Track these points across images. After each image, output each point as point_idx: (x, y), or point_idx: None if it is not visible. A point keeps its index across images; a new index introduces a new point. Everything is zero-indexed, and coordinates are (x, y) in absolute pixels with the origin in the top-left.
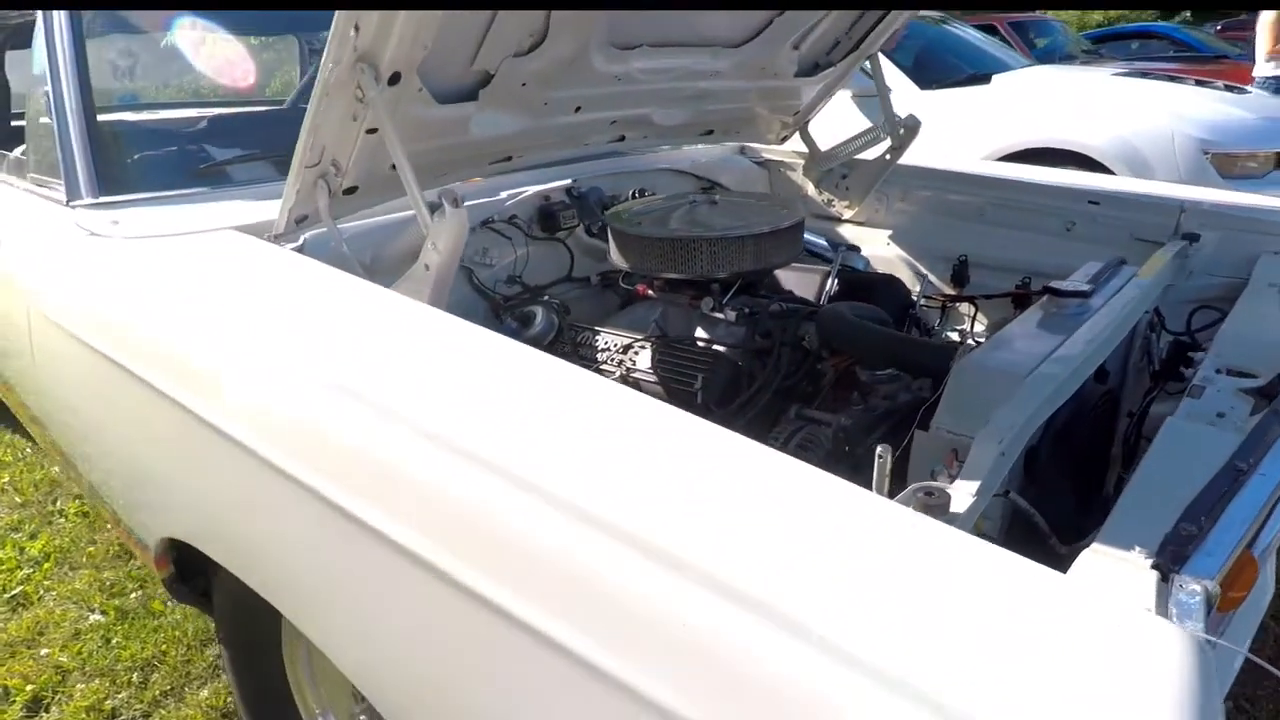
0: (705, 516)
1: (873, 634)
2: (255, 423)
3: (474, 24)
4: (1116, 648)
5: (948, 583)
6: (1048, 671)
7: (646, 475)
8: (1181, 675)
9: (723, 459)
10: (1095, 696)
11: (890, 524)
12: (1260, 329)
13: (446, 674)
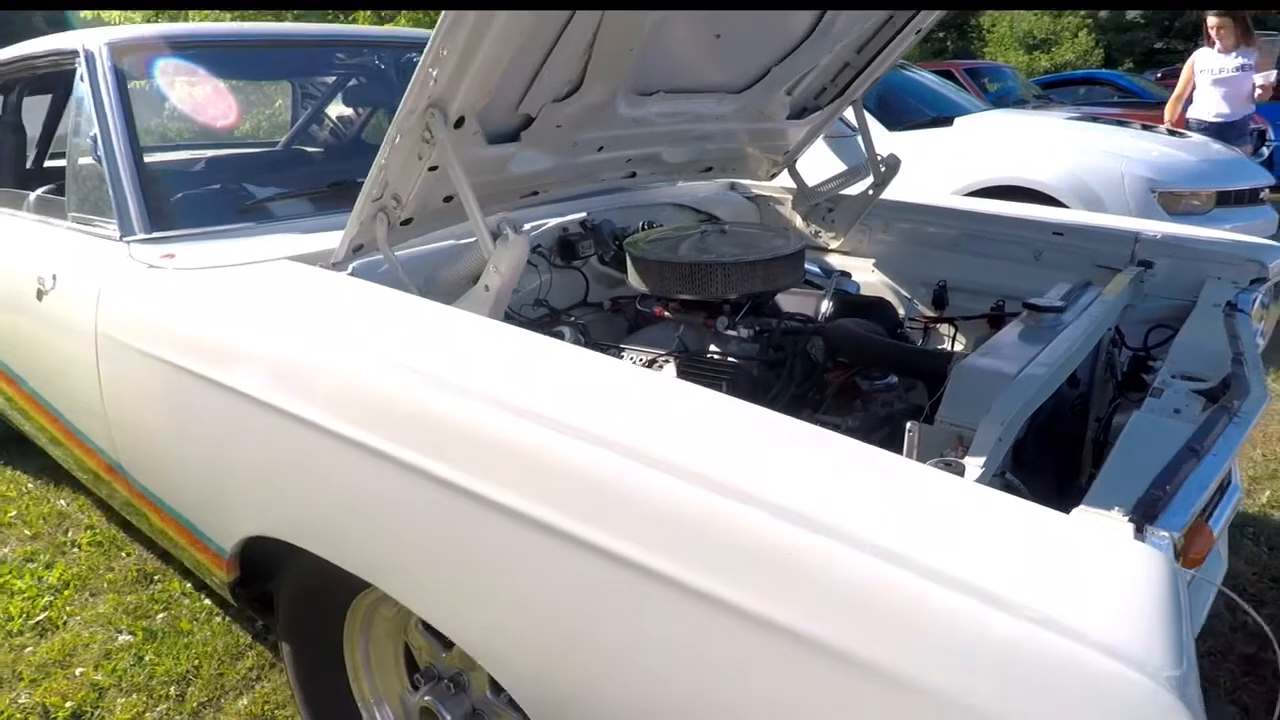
0: (787, 469)
1: (920, 546)
2: (359, 419)
3: (525, 72)
4: (1108, 560)
5: (974, 516)
6: (1060, 575)
7: (727, 435)
8: (1158, 578)
9: (791, 435)
10: (1095, 590)
11: (924, 477)
12: (1207, 341)
13: (553, 626)
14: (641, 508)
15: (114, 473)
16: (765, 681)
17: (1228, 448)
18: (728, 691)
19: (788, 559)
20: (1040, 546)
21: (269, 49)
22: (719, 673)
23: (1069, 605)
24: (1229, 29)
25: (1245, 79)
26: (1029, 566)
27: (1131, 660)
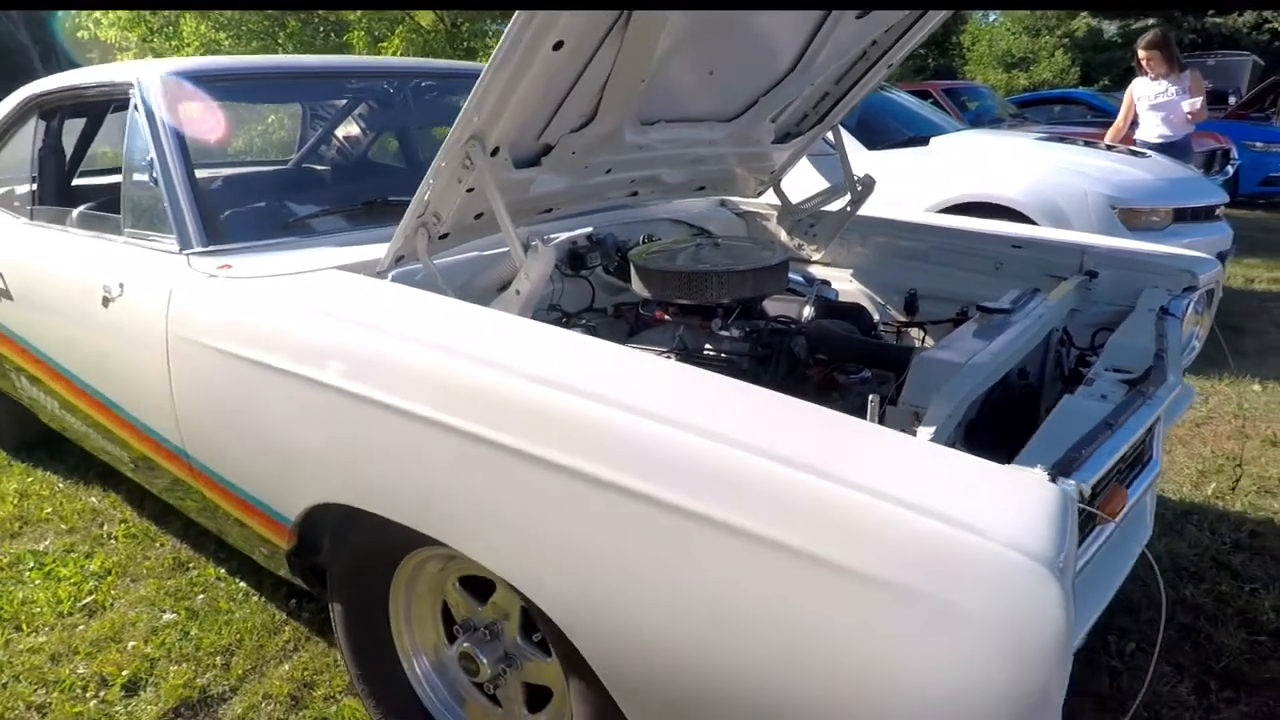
0: (771, 425)
1: (875, 478)
2: (420, 398)
3: (549, 108)
4: (1019, 491)
5: (918, 460)
6: (983, 499)
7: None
8: (1054, 504)
9: (774, 402)
10: (1007, 509)
11: (883, 434)
12: (1138, 340)
13: (585, 556)
14: (650, 455)
15: (173, 457)
16: (753, 581)
17: (1139, 424)
18: (725, 592)
19: (775, 489)
20: (969, 481)
21: (295, 80)
22: (717, 583)
23: (986, 517)
24: (1158, 59)
25: (1179, 103)
26: (959, 493)
27: (1025, 550)
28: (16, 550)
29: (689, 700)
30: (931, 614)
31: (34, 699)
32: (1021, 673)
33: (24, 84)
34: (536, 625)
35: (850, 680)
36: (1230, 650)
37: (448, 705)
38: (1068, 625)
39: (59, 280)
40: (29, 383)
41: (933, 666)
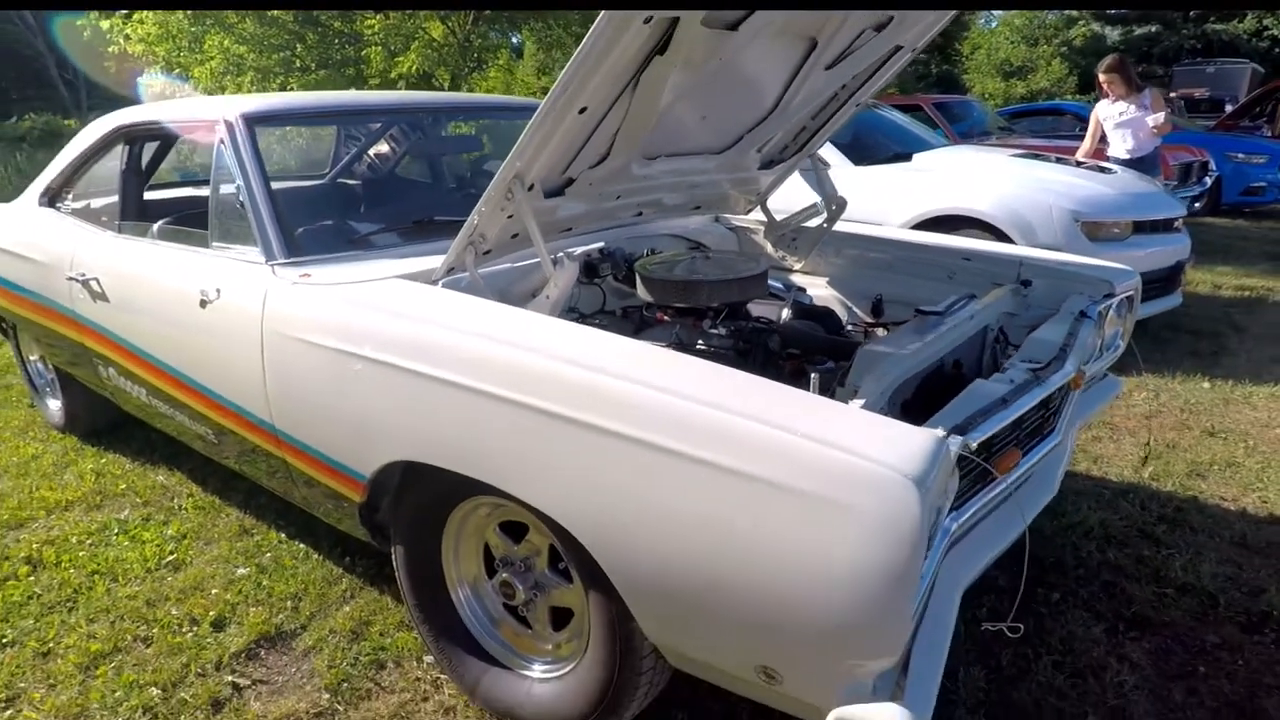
0: (733, 392)
1: (810, 428)
2: (476, 375)
3: (573, 150)
4: (907, 436)
5: (840, 415)
6: (879, 439)
7: (708, 378)
8: (928, 444)
9: (748, 382)
10: (894, 446)
11: (817, 400)
12: (1052, 337)
13: (613, 493)
14: (651, 414)
15: (259, 430)
16: (718, 498)
17: (1029, 401)
18: (699, 508)
19: (738, 436)
20: (876, 432)
21: (346, 115)
22: (694, 502)
23: (880, 452)
24: (1117, 81)
25: (1142, 120)
26: (866, 438)
27: (900, 471)
28: (102, 519)
29: (678, 590)
30: (836, 512)
31: (139, 633)
32: (889, 551)
33: (40, 90)
34: (561, 558)
35: (783, 561)
36: (1139, 599)
37: (485, 626)
38: (923, 522)
39: (154, 285)
40: (117, 374)
41: (836, 545)
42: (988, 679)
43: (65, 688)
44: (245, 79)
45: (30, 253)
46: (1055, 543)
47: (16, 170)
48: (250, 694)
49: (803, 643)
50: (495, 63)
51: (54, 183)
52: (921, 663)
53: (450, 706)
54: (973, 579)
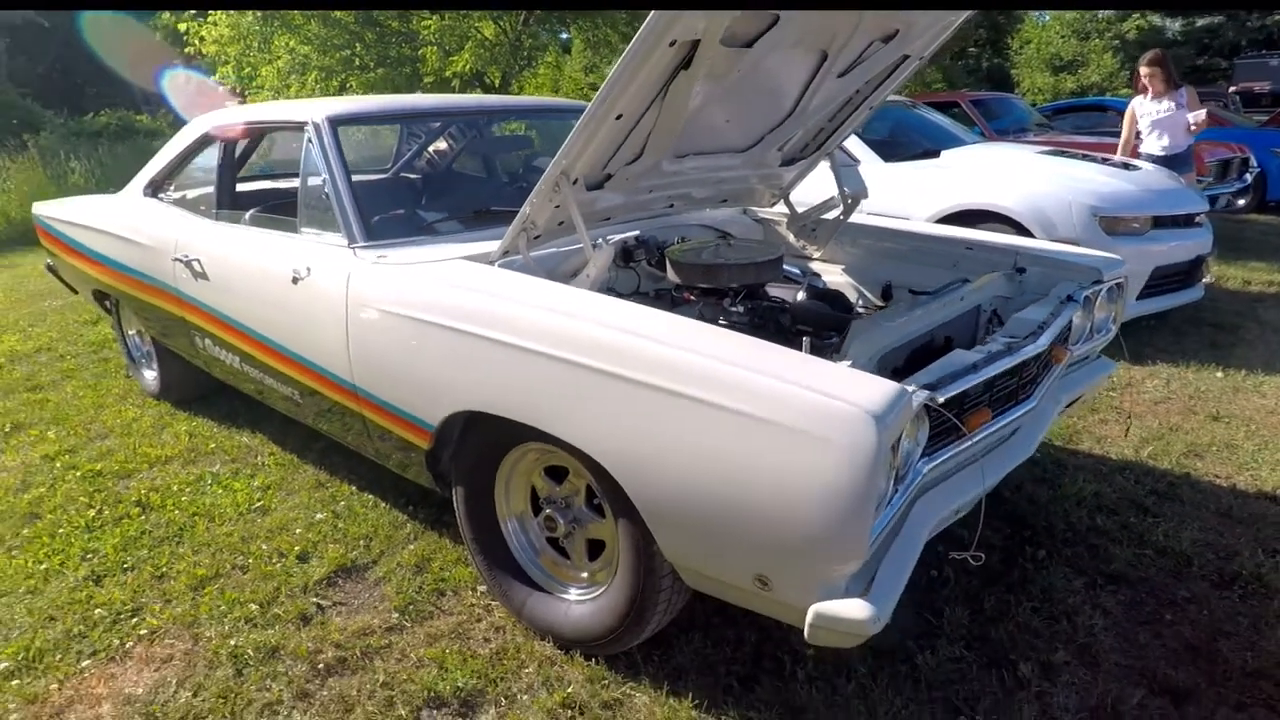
0: (748, 353)
1: (798, 378)
2: (530, 337)
3: (611, 150)
4: (878, 386)
5: (825, 370)
6: (855, 388)
7: (721, 341)
8: (894, 394)
9: (752, 344)
10: (865, 392)
11: (810, 359)
12: (1034, 317)
13: (643, 433)
14: (674, 368)
15: (341, 389)
16: (721, 434)
17: (998, 366)
18: (708, 442)
19: (740, 384)
20: (852, 382)
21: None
22: (704, 438)
23: (852, 395)
24: (1158, 77)
25: (1179, 118)
26: (842, 386)
27: (866, 409)
28: (197, 471)
29: (691, 513)
30: (813, 443)
31: (236, 562)
32: (852, 473)
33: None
34: (596, 496)
35: (773, 484)
36: (1119, 559)
37: (529, 555)
38: (880, 452)
39: (251, 265)
40: (212, 343)
41: (813, 470)
42: (970, 618)
43: (179, 602)
44: (309, 78)
45: (138, 237)
46: (1048, 510)
47: (99, 164)
48: (332, 612)
49: (788, 551)
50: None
51: (157, 176)
52: (887, 574)
53: (500, 626)
54: (944, 517)
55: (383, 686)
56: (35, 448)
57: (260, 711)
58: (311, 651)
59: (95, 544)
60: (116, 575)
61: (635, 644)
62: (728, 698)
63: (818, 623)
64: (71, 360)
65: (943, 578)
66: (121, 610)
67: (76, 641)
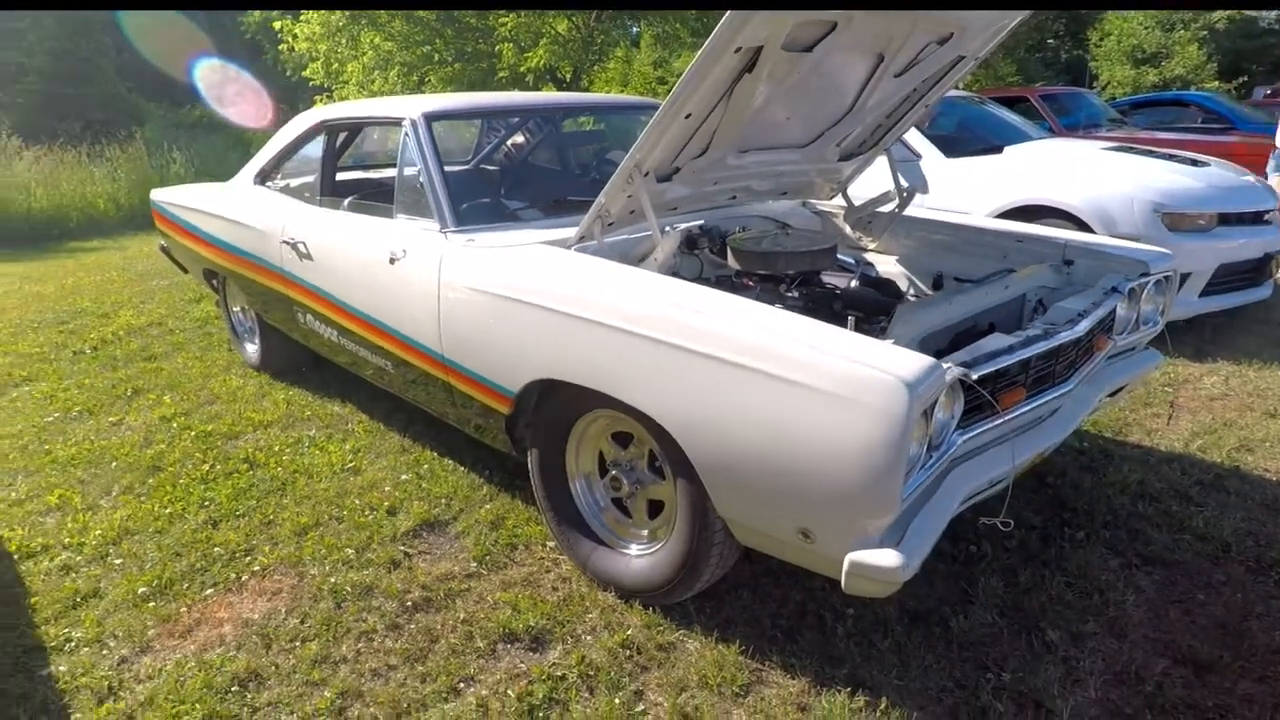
0: (801, 329)
1: (845, 352)
2: (602, 312)
3: (679, 147)
4: (916, 360)
5: (868, 344)
6: (894, 360)
7: (776, 319)
8: (928, 368)
9: (805, 322)
10: (901, 364)
11: (855, 335)
12: (1074, 306)
13: (702, 403)
14: (732, 341)
15: (430, 359)
16: (775, 400)
17: (1033, 349)
18: (760, 407)
19: (794, 356)
20: (891, 357)
21: (503, 114)
22: (758, 404)
23: (889, 366)
24: None
25: None
26: (882, 359)
27: (899, 377)
28: (296, 435)
29: (743, 472)
30: (852, 407)
31: (333, 514)
32: (884, 434)
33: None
34: (658, 459)
35: (816, 444)
36: (1157, 543)
37: (593, 512)
38: (909, 416)
39: (352, 247)
40: (313, 319)
41: (850, 431)
42: (1005, 589)
43: (285, 545)
44: (391, 74)
45: (249, 222)
46: (1090, 495)
47: (197, 154)
48: (417, 559)
49: (828, 505)
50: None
51: (266, 165)
52: (918, 530)
53: (567, 577)
54: (979, 486)
55: (463, 623)
56: (154, 410)
57: (357, 638)
58: (401, 591)
59: (211, 494)
60: (230, 521)
61: (689, 596)
62: (772, 647)
63: (853, 570)
64: (180, 334)
65: (980, 552)
66: (237, 550)
67: (199, 574)
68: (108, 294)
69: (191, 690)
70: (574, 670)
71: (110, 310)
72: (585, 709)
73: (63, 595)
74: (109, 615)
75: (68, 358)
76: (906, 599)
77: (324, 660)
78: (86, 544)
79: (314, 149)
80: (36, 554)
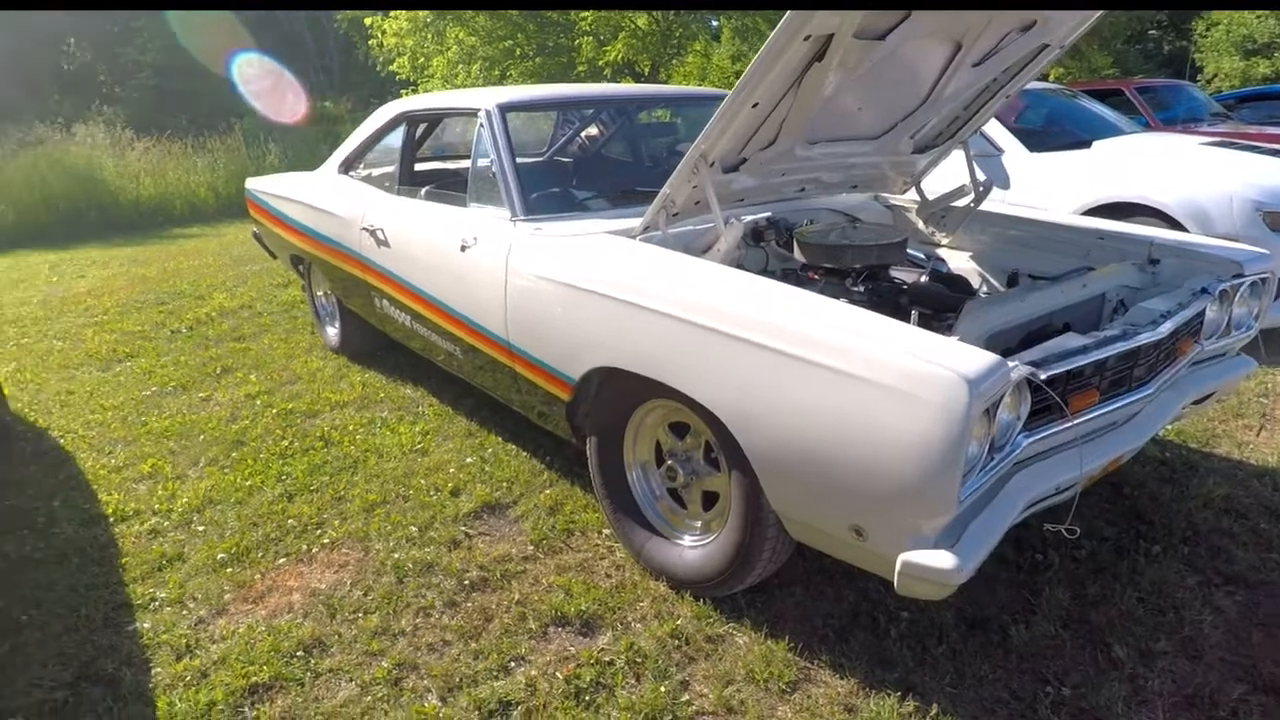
0: (863, 323)
1: (908, 347)
2: (663, 302)
3: (747, 135)
4: (982, 358)
5: (935, 341)
6: (960, 357)
7: (838, 312)
8: (994, 366)
9: (867, 316)
10: (967, 361)
11: (921, 332)
12: (1158, 307)
13: (759, 395)
14: (792, 334)
15: (496, 345)
16: (835, 394)
17: (1107, 351)
18: (820, 399)
19: (858, 350)
20: (956, 353)
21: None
22: (816, 397)
23: (952, 363)
24: None
25: None
26: (947, 356)
27: (961, 374)
28: (369, 415)
29: (797, 465)
30: (911, 403)
31: (399, 492)
32: (942, 431)
33: (304, 77)
34: (714, 451)
35: (872, 439)
36: (1241, 561)
37: (648, 500)
38: (968, 414)
39: (426, 234)
40: (388, 304)
41: (908, 427)
42: (1071, 600)
43: (354, 520)
44: (474, 68)
45: (331, 209)
46: (1169, 508)
47: (290, 146)
48: (477, 540)
49: (882, 502)
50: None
51: (349, 155)
52: (975, 533)
53: (620, 564)
54: (1045, 491)
55: (517, 604)
56: (240, 388)
57: (416, 613)
58: (459, 570)
59: (288, 468)
60: (305, 495)
61: (740, 589)
62: (822, 645)
63: (905, 570)
64: (268, 317)
65: (1046, 561)
66: (309, 522)
67: (274, 544)
68: (204, 277)
69: (260, 653)
70: (622, 656)
71: (206, 293)
72: (631, 695)
73: (150, 558)
74: (190, 578)
75: (165, 336)
76: (965, 605)
77: (383, 632)
78: (174, 510)
79: (394, 139)
80: (129, 518)
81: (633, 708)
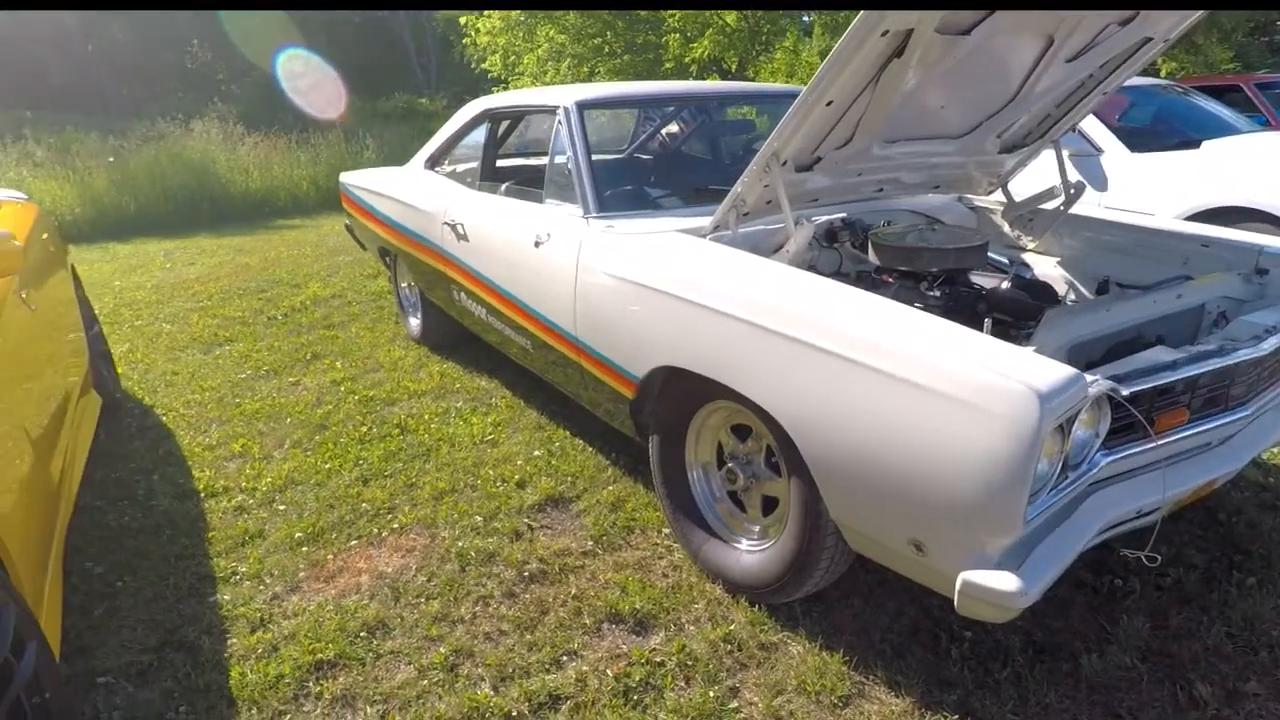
0: (934, 331)
1: (980, 356)
2: (730, 303)
3: (822, 134)
4: (1060, 371)
5: (1010, 352)
6: (1036, 370)
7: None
8: (1070, 380)
9: (938, 323)
10: (1042, 374)
11: (986, 340)
12: (1261, 320)
13: (819, 399)
14: (858, 340)
15: (565, 340)
16: (899, 403)
17: (1200, 367)
18: (882, 409)
19: (927, 358)
20: (1031, 365)
21: (653, 102)
22: (879, 406)
23: (1024, 376)
24: None
25: None
26: (1020, 368)
27: (1032, 388)
28: (444, 405)
29: (857, 475)
30: (979, 416)
31: (468, 481)
32: (1011, 447)
33: (401, 75)
34: (774, 455)
35: (936, 451)
36: None
37: (708, 502)
38: (1040, 430)
39: (502, 229)
40: (466, 297)
41: (975, 441)
42: (1151, 631)
43: (423, 507)
44: (563, 65)
45: (417, 203)
46: (1270, 538)
47: (388, 142)
48: (539, 533)
49: (943, 517)
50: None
51: (435, 151)
52: (1043, 555)
53: (678, 565)
54: (1125, 514)
55: (574, 599)
56: (327, 374)
57: (475, 601)
58: (520, 561)
59: (365, 454)
60: (379, 480)
61: (797, 597)
62: (878, 661)
63: (966, 590)
64: (356, 306)
65: (1127, 587)
66: (381, 507)
67: (347, 526)
68: (301, 267)
69: (328, 630)
70: (673, 658)
71: (301, 281)
72: (679, 697)
73: (234, 533)
74: (269, 555)
75: (262, 322)
76: (1033, 628)
77: (444, 618)
78: (259, 489)
79: (477, 136)
80: (218, 494)
81: (680, 710)
